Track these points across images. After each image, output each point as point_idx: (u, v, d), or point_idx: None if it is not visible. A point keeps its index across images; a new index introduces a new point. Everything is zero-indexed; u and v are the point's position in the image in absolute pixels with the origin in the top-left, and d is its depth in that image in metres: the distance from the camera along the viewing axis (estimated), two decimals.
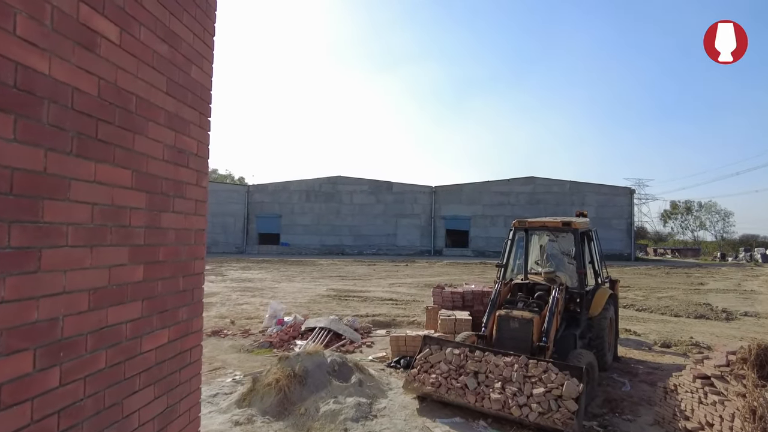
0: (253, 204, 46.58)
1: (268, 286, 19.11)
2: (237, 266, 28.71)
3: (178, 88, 2.30)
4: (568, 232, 7.89)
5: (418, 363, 6.18)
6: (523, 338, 6.54)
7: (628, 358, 8.80)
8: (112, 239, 1.82)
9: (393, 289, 18.53)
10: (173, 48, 2.24)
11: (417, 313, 12.78)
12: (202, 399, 6.39)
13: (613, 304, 8.55)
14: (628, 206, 43.15)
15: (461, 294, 10.02)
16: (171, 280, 2.25)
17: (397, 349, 8.17)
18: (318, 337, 9.00)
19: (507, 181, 44.40)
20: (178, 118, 2.29)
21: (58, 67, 1.54)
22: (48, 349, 1.50)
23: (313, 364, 6.26)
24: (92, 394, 1.70)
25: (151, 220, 2.08)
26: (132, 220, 1.94)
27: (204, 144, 2.56)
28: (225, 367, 7.94)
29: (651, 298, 17.62)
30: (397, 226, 44.83)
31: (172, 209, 2.25)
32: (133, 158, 1.95)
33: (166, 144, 2.20)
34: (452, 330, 8.49)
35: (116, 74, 1.83)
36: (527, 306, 6.97)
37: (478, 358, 5.94)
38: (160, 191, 2.15)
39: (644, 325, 12.44)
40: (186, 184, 2.38)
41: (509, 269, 7.95)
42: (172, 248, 2.25)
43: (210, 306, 13.87)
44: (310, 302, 14.71)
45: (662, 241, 76.20)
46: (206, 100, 2.58)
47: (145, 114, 2.03)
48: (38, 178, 1.46)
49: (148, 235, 2.06)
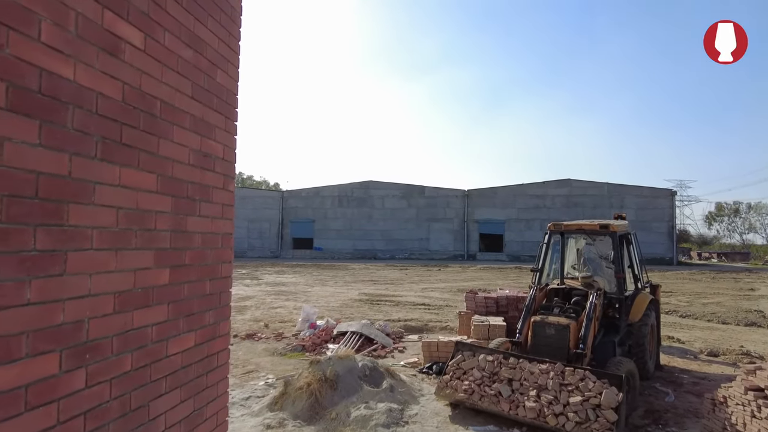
0: (288, 209, 47.28)
1: (301, 290, 19.29)
2: (272, 270, 29.14)
3: (204, 92, 2.32)
4: (605, 235, 7.63)
5: (451, 369, 6.07)
6: (559, 345, 6.35)
7: (671, 367, 8.42)
8: (137, 243, 1.83)
9: (425, 293, 18.39)
10: (198, 52, 2.26)
11: (450, 318, 12.63)
12: (235, 402, 6.48)
13: (655, 310, 8.21)
14: (669, 208, 41.62)
15: (495, 299, 9.83)
16: (197, 283, 2.25)
17: (429, 355, 8.06)
18: (350, 342, 8.99)
19: (542, 184, 43.55)
20: (203, 123, 2.31)
21: (83, 73, 1.56)
22: (74, 351, 1.52)
23: (344, 369, 6.24)
24: (118, 396, 1.71)
25: (176, 223, 2.09)
26: (157, 223, 1.96)
27: (230, 148, 2.57)
28: (258, 370, 8.02)
29: (696, 303, 16.87)
30: (430, 231, 44.59)
31: (198, 213, 2.26)
32: (158, 162, 1.96)
33: (192, 148, 2.21)
34: (486, 336, 8.34)
35: (140, 79, 1.85)
36: (563, 312, 6.76)
37: (512, 365, 5.79)
38: (185, 195, 2.16)
39: (689, 332, 11.91)
40: (212, 188, 2.39)
41: (545, 274, 7.75)
42: (198, 252, 2.26)
43: (245, 309, 14.11)
44: (342, 306, 14.76)
45: (707, 244, 73.12)
46: (232, 105, 2.60)
47: (170, 118, 2.05)
48: (63, 182, 1.48)
49: (174, 238, 2.07)
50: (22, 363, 1.34)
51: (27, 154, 1.36)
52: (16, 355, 1.32)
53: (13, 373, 1.31)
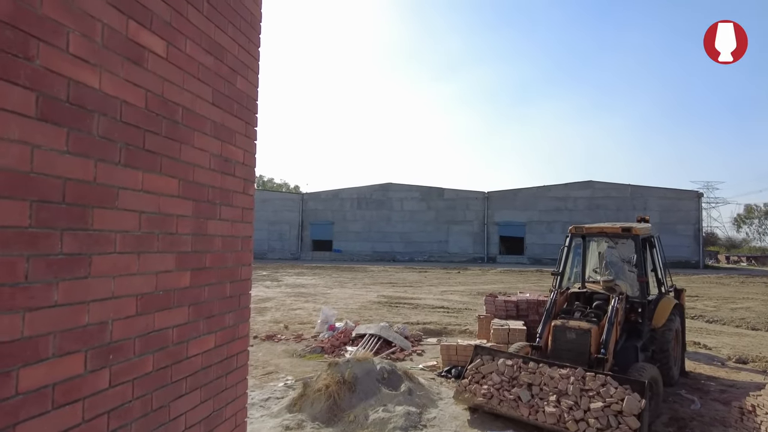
0: (307, 211, 47.63)
1: (320, 291, 19.40)
2: (292, 272, 29.38)
3: (224, 98, 2.36)
4: (628, 238, 7.51)
5: (470, 373, 6.04)
6: (580, 350, 6.27)
7: (697, 374, 8.22)
8: (159, 246, 1.88)
9: (444, 296, 18.32)
10: (218, 59, 2.31)
11: (469, 321, 12.55)
12: (254, 403, 6.55)
13: (679, 315, 8.03)
14: (695, 211, 40.66)
15: (515, 303, 9.74)
16: (217, 286, 2.30)
17: (448, 359, 8.03)
18: (368, 344, 9.01)
19: (564, 186, 42.99)
20: (224, 128, 2.35)
21: (108, 82, 1.61)
22: (98, 352, 1.56)
23: (362, 371, 6.26)
24: (140, 396, 1.76)
25: (197, 227, 2.13)
26: (179, 227, 2.00)
27: (250, 153, 2.61)
28: (278, 371, 8.09)
29: (723, 308, 16.44)
30: (449, 233, 44.40)
31: (219, 217, 2.31)
32: (179, 167, 2.01)
33: (213, 153, 2.26)
34: (505, 340, 8.27)
35: (163, 86, 1.90)
36: (585, 316, 6.67)
37: (532, 370, 5.73)
38: (206, 199, 2.20)
39: (716, 338, 11.62)
40: (232, 193, 2.43)
41: (566, 277, 7.65)
42: (218, 255, 2.30)
43: (265, 311, 14.25)
44: (361, 308, 14.79)
45: (736, 247, 71.20)
46: (252, 110, 2.64)
47: (192, 124, 2.09)
48: (88, 187, 1.53)
49: (195, 242, 2.12)
50: (50, 362, 1.39)
51: (55, 160, 1.41)
52: (44, 354, 1.37)
53: (41, 372, 1.36)
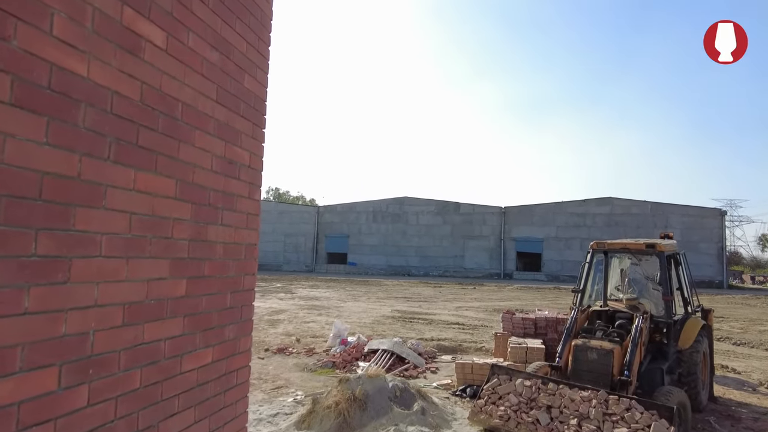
0: (323, 224, 47.68)
1: (334, 305, 19.22)
2: (306, 284, 29.28)
3: (230, 97, 2.23)
4: (652, 254, 7.21)
5: (486, 393, 5.78)
6: (602, 371, 5.97)
7: (726, 399, 7.81)
8: (152, 251, 1.73)
9: (460, 312, 17.98)
10: (225, 56, 2.18)
11: (485, 339, 12.23)
12: (262, 418, 6.36)
13: (707, 337, 7.66)
14: (718, 229, 39.65)
15: (533, 320, 9.43)
16: (217, 296, 2.14)
17: (463, 377, 7.76)
18: (381, 360, 8.78)
19: (582, 202, 42.34)
20: (228, 128, 2.22)
21: (98, 70, 1.49)
22: (76, 366, 1.41)
23: (374, 388, 6.04)
24: (125, 415, 1.60)
25: (196, 232, 1.99)
26: (175, 232, 1.86)
27: (257, 156, 2.47)
28: (288, 385, 7.91)
29: (751, 331, 15.82)
30: (465, 248, 43.96)
31: (221, 222, 2.16)
32: (177, 167, 1.87)
33: (215, 154, 2.12)
34: (523, 359, 7.97)
35: (161, 80, 1.77)
36: (607, 335, 6.38)
37: (551, 391, 5.46)
38: (207, 203, 2.06)
39: (744, 361, 11.12)
40: (237, 197, 2.29)
41: (587, 295, 7.37)
42: (219, 263, 2.15)
43: (277, 323, 14.10)
44: (374, 323, 14.56)
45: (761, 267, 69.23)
46: (260, 111, 2.51)
47: (193, 122, 1.96)
48: (71, 183, 1.39)
49: (193, 248, 1.97)
50: (17, 378, 1.24)
51: (31, 152, 1.28)
52: (10, 368, 1.22)
53: (5, 389, 1.21)
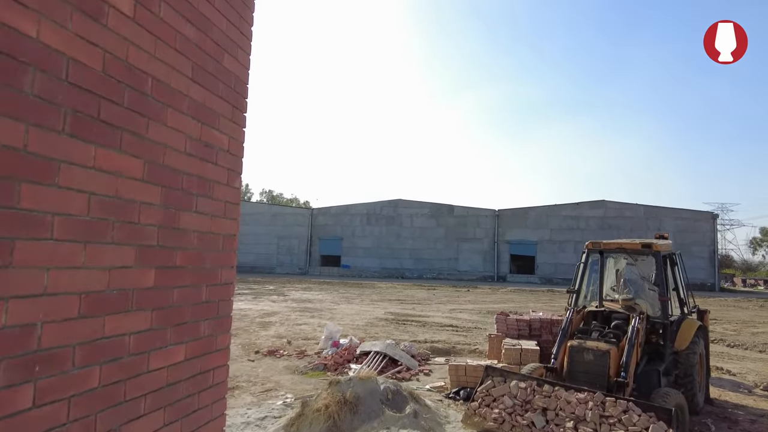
0: (317, 227, 47.45)
1: (327, 307, 19.04)
2: (299, 287, 29.05)
3: (207, 76, 2.08)
4: (648, 254, 7.11)
5: (480, 395, 5.63)
6: (598, 372, 5.85)
7: (722, 401, 7.72)
8: (115, 237, 1.58)
9: (453, 315, 17.85)
10: (202, 32, 2.04)
11: (479, 341, 12.10)
12: (250, 421, 6.18)
13: (703, 338, 7.57)
14: (710, 232, 39.86)
15: (528, 322, 9.31)
16: (191, 289, 1.99)
17: (457, 379, 7.62)
18: (373, 362, 8.62)
19: (576, 205, 42.42)
20: (205, 109, 2.07)
21: (50, 33, 1.33)
22: (18, 362, 1.25)
23: (365, 391, 5.89)
24: (80, 418, 1.44)
25: (167, 219, 1.84)
26: (142, 216, 1.70)
27: (237, 141, 2.32)
28: (277, 388, 7.73)
29: (744, 333, 15.82)
30: (459, 251, 43.88)
31: (195, 209, 2.01)
32: (146, 147, 1.72)
33: (190, 136, 1.97)
34: (517, 361, 7.84)
35: (127, 50, 1.62)
36: (603, 336, 6.26)
37: (546, 393, 5.33)
38: (180, 187, 1.91)
39: (739, 363, 11.06)
40: (213, 183, 2.13)
41: (582, 295, 7.25)
42: (193, 253, 2.00)
43: (269, 325, 13.91)
44: (367, 325, 14.39)
45: (752, 270, 69.66)
46: (241, 94, 2.36)
47: (164, 99, 1.81)
48: (15, 155, 1.24)
49: (163, 235, 1.82)
50: None
51: None
52: None
53: None
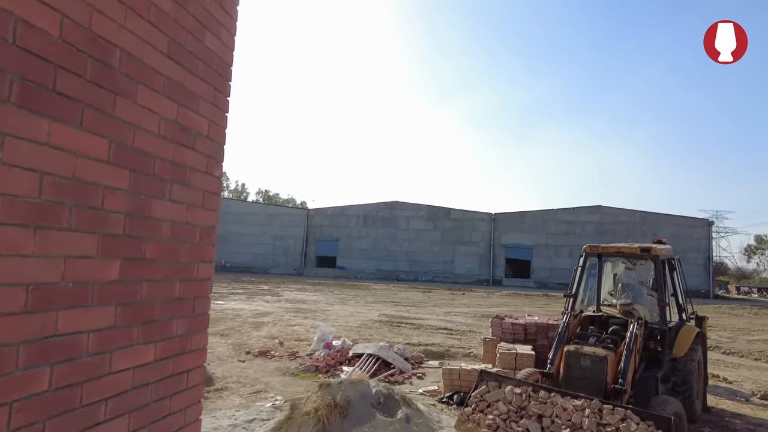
0: (313, 227, 47.23)
1: (321, 308, 18.86)
2: (293, 287, 28.85)
3: (185, 53, 1.93)
4: (647, 259, 6.99)
5: (474, 401, 5.48)
6: (595, 378, 5.72)
7: (720, 410, 7.60)
8: (73, 223, 1.42)
9: (448, 318, 17.70)
10: (181, 6, 1.88)
11: (473, 345, 11.95)
12: (238, 424, 6.01)
13: (701, 345, 7.45)
14: (705, 239, 39.93)
15: (523, 326, 9.18)
16: (163, 284, 1.83)
17: (450, 383, 7.46)
18: (365, 364, 8.45)
19: (572, 210, 42.41)
20: (182, 89, 1.91)
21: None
22: None
23: (356, 394, 5.72)
24: (23, 426, 1.28)
25: (136, 206, 1.68)
26: (106, 202, 1.54)
27: (219, 126, 2.17)
28: (267, 390, 7.57)
29: (739, 340, 15.74)
30: (455, 254, 43.77)
31: (169, 197, 1.85)
32: (112, 126, 1.56)
33: (164, 117, 1.81)
34: (512, 365, 7.70)
35: (90, 16, 1.46)
36: (600, 342, 6.13)
37: (542, 400, 5.18)
38: (151, 173, 1.75)
39: (735, 371, 10.96)
40: (190, 170, 1.98)
41: (579, 300, 7.11)
42: (166, 245, 1.84)
43: (261, 326, 13.73)
44: (361, 327, 14.23)
45: (746, 278, 69.84)
46: (224, 76, 2.21)
47: (135, 75, 1.66)
48: None
49: (131, 224, 1.66)
50: None
51: None
52: None
53: None
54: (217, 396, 7.20)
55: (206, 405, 6.77)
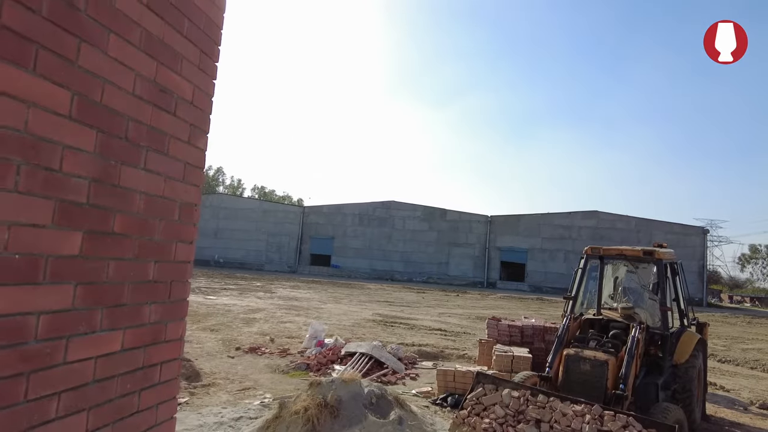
0: (308, 225, 46.96)
1: (314, 306, 18.64)
2: (287, 284, 28.61)
3: (168, 7, 1.71)
4: (649, 262, 6.82)
5: (469, 404, 5.27)
6: (595, 383, 5.54)
7: (719, 418, 7.44)
8: (21, 184, 1.20)
9: (442, 319, 17.52)
10: None
11: (468, 346, 11.76)
12: (224, 422, 5.78)
13: (702, 352, 7.28)
14: (700, 247, 39.98)
15: (520, 328, 8.99)
16: (134, 263, 1.61)
17: (445, 385, 7.26)
18: (358, 364, 8.24)
19: (568, 214, 42.35)
20: (163, 46, 1.70)
21: None
22: None
23: (347, 394, 5.51)
24: None
25: (103, 172, 1.46)
26: (66, 164, 1.33)
27: (204, 93, 1.95)
28: (256, 387, 7.34)
29: (734, 348, 15.65)
30: (450, 255, 43.61)
31: (144, 166, 1.63)
32: (75, 75, 1.34)
33: (141, 74, 1.59)
34: (509, 368, 7.51)
35: None
36: (601, 345, 5.95)
37: (541, 404, 4.98)
38: (123, 136, 1.53)
39: (732, 379, 10.83)
40: (170, 138, 1.76)
41: (579, 302, 6.93)
42: (139, 220, 1.62)
43: (253, 322, 13.50)
44: (354, 326, 14.01)
45: (738, 287, 70.10)
46: (213, 38, 1.99)
47: (106, 22, 1.44)
48: None
49: (97, 192, 1.44)
50: None
51: None
52: None
53: None
54: (204, 392, 6.97)
55: (192, 401, 6.54)
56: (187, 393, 6.80)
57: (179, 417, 5.83)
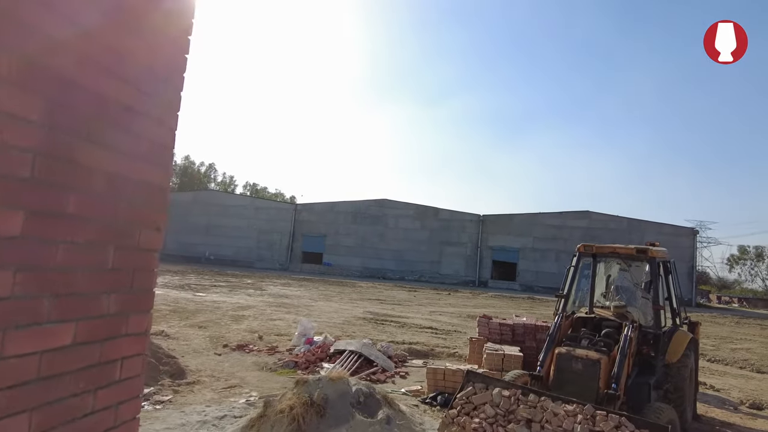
0: (300, 222, 46.72)
1: (304, 303, 18.48)
2: (278, 282, 28.41)
3: None
4: (643, 260, 6.74)
5: (459, 403, 5.16)
6: (587, 383, 5.45)
7: (709, 418, 7.39)
8: None
9: (433, 317, 17.42)
10: None
11: (458, 345, 11.67)
12: (207, 420, 5.61)
13: (694, 351, 7.22)
14: (690, 248, 40.25)
15: (511, 327, 8.90)
16: (90, 248, 1.46)
17: (435, 384, 7.15)
18: (347, 362, 8.10)
19: (560, 214, 42.47)
20: (123, 10, 1.54)
21: None
22: None
23: (335, 393, 5.37)
24: None
25: (51, 145, 1.30)
26: (5, 133, 1.17)
27: (175, 67, 1.80)
28: (242, 385, 7.19)
29: (723, 348, 15.69)
30: (442, 254, 43.58)
31: (103, 141, 1.48)
32: (14, 33, 1.19)
33: (86, 29, 1.42)
34: (499, 367, 7.41)
35: None
36: (593, 344, 5.85)
37: (532, 404, 4.87)
38: (77, 105, 1.38)
39: (721, 379, 10.83)
40: (134, 113, 1.60)
41: (571, 300, 6.84)
42: (96, 200, 1.47)
43: (242, 319, 13.32)
44: (344, 323, 13.88)
45: (727, 288, 70.72)
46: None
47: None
48: None
49: (45, 167, 1.28)
50: None
51: None
52: None
53: None
54: (189, 390, 6.80)
55: (176, 399, 6.37)
56: (171, 391, 6.63)
57: (161, 415, 5.66)
